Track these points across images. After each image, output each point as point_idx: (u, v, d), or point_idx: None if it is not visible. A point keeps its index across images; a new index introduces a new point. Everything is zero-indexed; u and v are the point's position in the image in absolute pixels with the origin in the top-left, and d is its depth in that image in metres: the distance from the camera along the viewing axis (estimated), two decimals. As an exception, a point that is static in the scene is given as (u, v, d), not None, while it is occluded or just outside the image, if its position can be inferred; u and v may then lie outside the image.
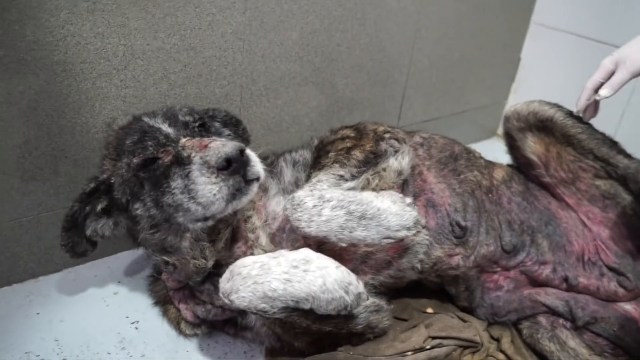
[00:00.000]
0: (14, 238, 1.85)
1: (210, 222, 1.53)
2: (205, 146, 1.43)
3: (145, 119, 1.62)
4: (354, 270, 1.66)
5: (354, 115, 2.54)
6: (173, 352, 1.74)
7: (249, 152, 1.45)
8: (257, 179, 1.47)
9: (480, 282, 1.87)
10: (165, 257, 1.62)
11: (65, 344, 1.72)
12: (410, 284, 1.87)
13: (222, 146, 1.39)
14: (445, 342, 1.76)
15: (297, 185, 1.74)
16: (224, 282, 1.47)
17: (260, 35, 2.08)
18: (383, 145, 1.73)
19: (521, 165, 2.05)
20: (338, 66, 2.39)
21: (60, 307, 1.85)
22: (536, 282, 1.88)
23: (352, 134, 1.77)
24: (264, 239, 1.69)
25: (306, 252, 1.48)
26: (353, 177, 1.63)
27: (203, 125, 1.65)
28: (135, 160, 1.52)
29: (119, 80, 1.83)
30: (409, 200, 1.59)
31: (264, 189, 1.73)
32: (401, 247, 1.70)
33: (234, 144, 1.40)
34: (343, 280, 1.44)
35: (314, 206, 1.50)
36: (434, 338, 1.77)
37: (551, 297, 1.86)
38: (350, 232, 1.51)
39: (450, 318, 1.86)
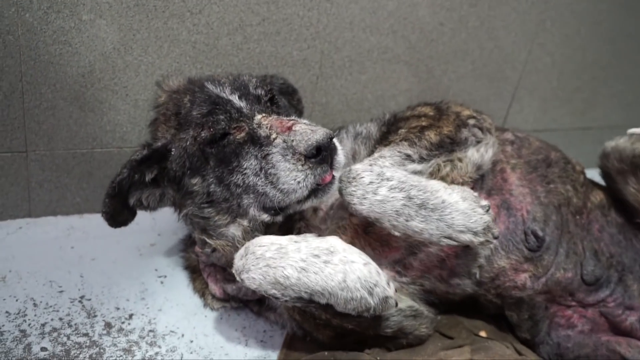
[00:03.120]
0: (65, 169, 2.04)
1: (279, 218, 1.58)
2: (289, 128, 1.45)
3: (210, 86, 1.63)
4: (400, 261, 1.65)
5: (450, 108, 2.49)
6: (191, 313, 1.82)
7: (335, 139, 1.47)
8: (339, 167, 1.49)
9: (549, 314, 1.76)
10: (205, 238, 1.67)
11: (89, 282, 1.86)
12: (465, 300, 1.80)
13: (311, 132, 1.40)
14: (489, 371, 1.68)
15: (354, 159, 1.74)
16: (238, 259, 1.49)
17: (351, 0, 2.11)
18: (464, 133, 1.67)
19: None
20: (438, 49, 2.36)
21: (95, 246, 2.01)
22: (617, 329, 1.75)
23: (431, 113, 1.74)
24: (309, 212, 1.72)
25: (333, 242, 1.46)
26: (422, 160, 1.59)
27: (272, 99, 1.68)
28: (203, 134, 1.55)
29: (192, 24, 1.95)
30: (484, 202, 1.51)
31: None
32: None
33: (324, 130, 1.41)
34: (368, 279, 1.41)
35: (371, 182, 1.48)
36: (477, 364, 1.69)
37: (634, 350, 1.71)
38: (407, 220, 1.47)
39: (505, 347, 1.77)
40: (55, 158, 2.00)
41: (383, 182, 1.49)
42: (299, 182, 1.43)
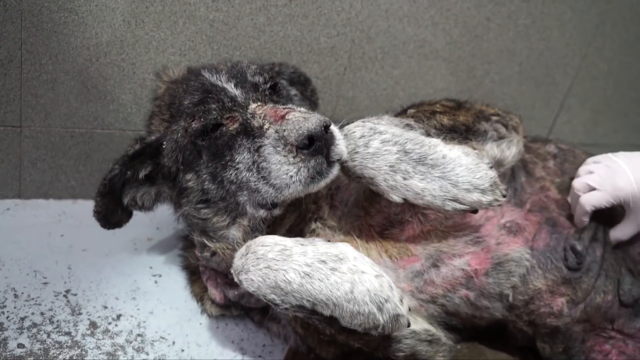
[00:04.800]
0: (62, 148, 2.01)
1: (277, 212, 1.53)
2: (282, 117, 1.40)
3: (206, 74, 1.62)
4: (420, 274, 1.59)
5: (490, 113, 2.43)
6: (185, 319, 1.78)
7: (333, 127, 1.42)
8: (340, 159, 1.44)
9: (586, 348, 1.70)
10: (205, 240, 1.64)
11: (76, 275, 1.83)
12: (492, 327, 1.73)
13: (303, 120, 1.36)
14: (512, 412, 1.61)
15: None
16: (238, 258, 1.45)
17: (389, -15, 2.07)
18: (484, 125, 1.62)
19: None
20: (482, 46, 2.30)
21: (87, 236, 1.97)
22: (662, 371, 1.67)
23: (450, 104, 1.70)
24: (326, 211, 1.66)
25: (344, 248, 1.41)
26: (428, 136, 1.53)
27: (274, 87, 1.64)
28: (194, 125, 1.53)
29: (211, 0, 1.90)
30: (486, 159, 1.47)
31: None
32: (489, 259, 1.59)
33: (318, 118, 1.36)
34: (379, 293, 1.35)
35: (362, 136, 1.45)
36: (498, 403, 1.63)
37: (677, 399, 1.64)
38: (405, 178, 1.42)
39: (531, 387, 1.71)
40: (51, 136, 1.97)
41: (375, 135, 1.45)
42: (291, 177, 1.38)
